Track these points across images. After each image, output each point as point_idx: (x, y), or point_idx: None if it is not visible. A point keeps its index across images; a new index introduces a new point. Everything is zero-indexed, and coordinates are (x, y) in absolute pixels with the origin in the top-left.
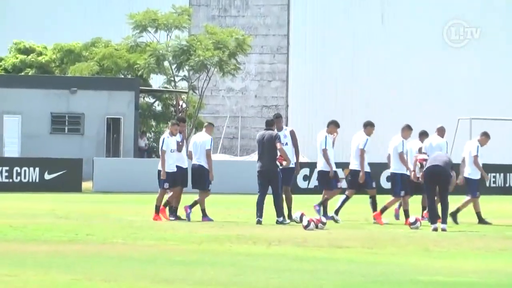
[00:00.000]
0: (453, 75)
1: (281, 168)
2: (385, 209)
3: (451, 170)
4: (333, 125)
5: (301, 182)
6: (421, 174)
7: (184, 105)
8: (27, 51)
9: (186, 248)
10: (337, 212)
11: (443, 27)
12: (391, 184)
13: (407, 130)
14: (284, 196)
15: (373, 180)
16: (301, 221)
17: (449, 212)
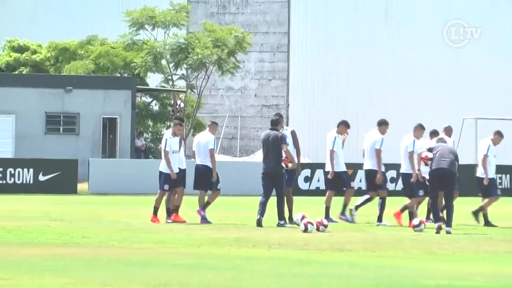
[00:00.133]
0: (457, 74)
1: (286, 169)
2: (405, 208)
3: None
4: (343, 126)
5: (302, 183)
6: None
7: (182, 105)
8: (21, 49)
9: (184, 251)
10: (357, 208)
11: (443, 27)
12: (404, 185)
13: (420, 129)
14: (285, 197)
15: (386, 181)
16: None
17: (472, 211)
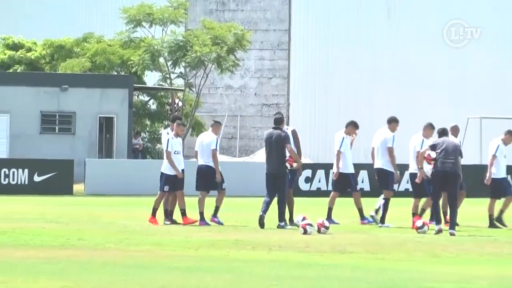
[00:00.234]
0: (459, 74)
1: (289, 170)
2: (423, 211)
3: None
4: (352, 126)
5: (302, 184)
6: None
7: (180, 104)
8: (15, 46)
9: (182, 253)
10: (377, 211)
11: (443, 27)
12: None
13: (429, 128)
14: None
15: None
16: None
17: (495, 217)
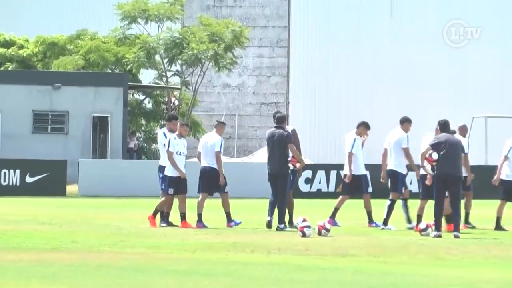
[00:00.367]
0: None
1: (292, 170)
2: (419, 218)
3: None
4: (363, 127)
5: (303, 185)
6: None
7: (176, 102)
8: (7, 44)
9: (178, 256)
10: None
11: (443, 27)
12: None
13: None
14: None
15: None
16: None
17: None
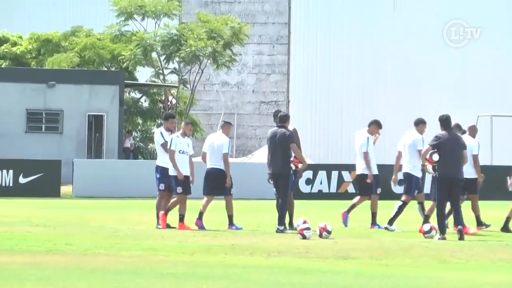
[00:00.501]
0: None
1: (294, 170)
2: (427, 218)
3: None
4: (375, 125)
5: (303, 186)
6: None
7: (174, 101)
8: (0, 41)
9: (176, 259)
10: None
11: (443, 27)
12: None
13: (456, 130)
14: None
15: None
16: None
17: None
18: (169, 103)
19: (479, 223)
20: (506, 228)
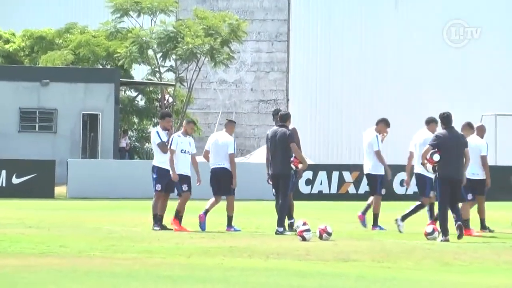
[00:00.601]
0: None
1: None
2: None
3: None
4: (383, 124)
5: (303, 187)
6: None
7: (170, 100)
8: None
9: (172, 261)
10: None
11: (443, 27)
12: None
13: (467, 129)
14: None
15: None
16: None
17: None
18: (165, 102)
19: (483, 226)
20: None
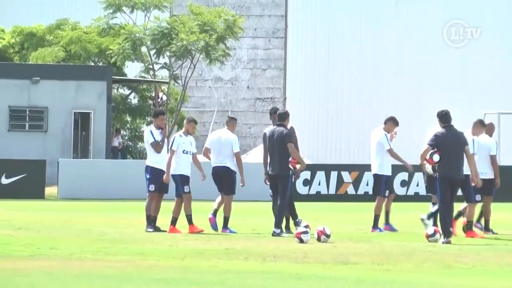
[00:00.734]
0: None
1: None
2: (459, 215)
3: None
4: (392, 122)
5: (301, 187)
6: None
7: (164, 98)
8: None
9: (166, 264)
10: (429, 217)
11: (443, 27)
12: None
13: (479, 126)
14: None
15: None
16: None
17: None
18: (159, 100)
19: (487, 228)
20: None
